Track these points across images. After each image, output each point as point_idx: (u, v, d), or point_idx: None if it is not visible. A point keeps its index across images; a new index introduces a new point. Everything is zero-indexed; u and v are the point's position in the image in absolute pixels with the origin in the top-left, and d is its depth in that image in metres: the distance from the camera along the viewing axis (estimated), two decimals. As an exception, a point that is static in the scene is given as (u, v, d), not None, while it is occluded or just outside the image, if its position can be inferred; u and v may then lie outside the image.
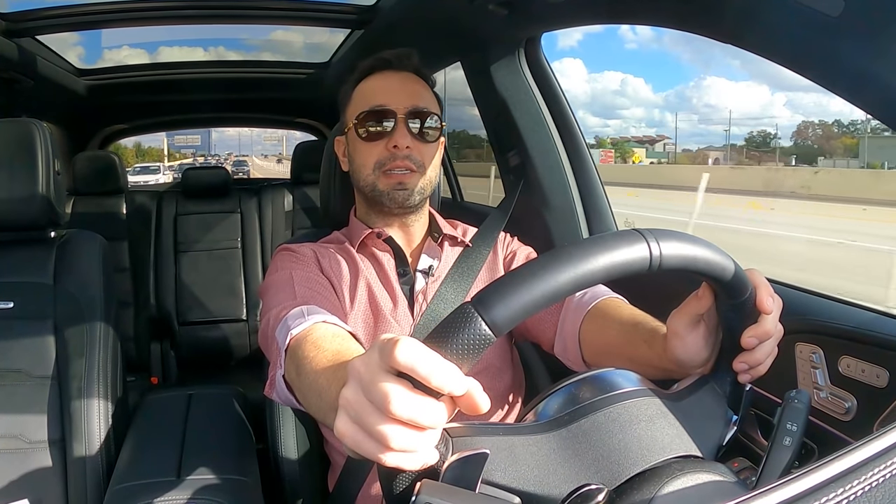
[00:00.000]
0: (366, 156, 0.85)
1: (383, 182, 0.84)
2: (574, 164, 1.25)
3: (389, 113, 0.83)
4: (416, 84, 0.87)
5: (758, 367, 0.52)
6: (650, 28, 1.69)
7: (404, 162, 0.83)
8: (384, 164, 0.83)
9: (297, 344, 0.61)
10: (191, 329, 2.17)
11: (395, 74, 0.87)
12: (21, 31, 1.48)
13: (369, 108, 0.84)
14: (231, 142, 26.47)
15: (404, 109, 0.83)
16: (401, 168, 0.83)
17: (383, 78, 0.87)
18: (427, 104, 0.86)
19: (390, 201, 0.84)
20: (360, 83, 0.88)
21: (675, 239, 0.43)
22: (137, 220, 2.21)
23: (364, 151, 0.85)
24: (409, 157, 0.83)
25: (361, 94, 0.87)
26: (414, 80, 0.87)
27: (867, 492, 0.30)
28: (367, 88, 0.87)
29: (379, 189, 0.84)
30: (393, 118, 0.83)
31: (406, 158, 0.83)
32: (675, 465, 0.44)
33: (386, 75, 0.87)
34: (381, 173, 0.84)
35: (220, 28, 1.93)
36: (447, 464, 0.40)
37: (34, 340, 0.98)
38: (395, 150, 0.83)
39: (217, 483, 0.80)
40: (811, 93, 42.48)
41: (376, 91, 0.85)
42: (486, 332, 0.37)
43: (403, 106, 0.83)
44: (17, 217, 1.01)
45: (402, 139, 0.82)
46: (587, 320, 0.75)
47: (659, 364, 0.59)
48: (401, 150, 0.82)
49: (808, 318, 0.73)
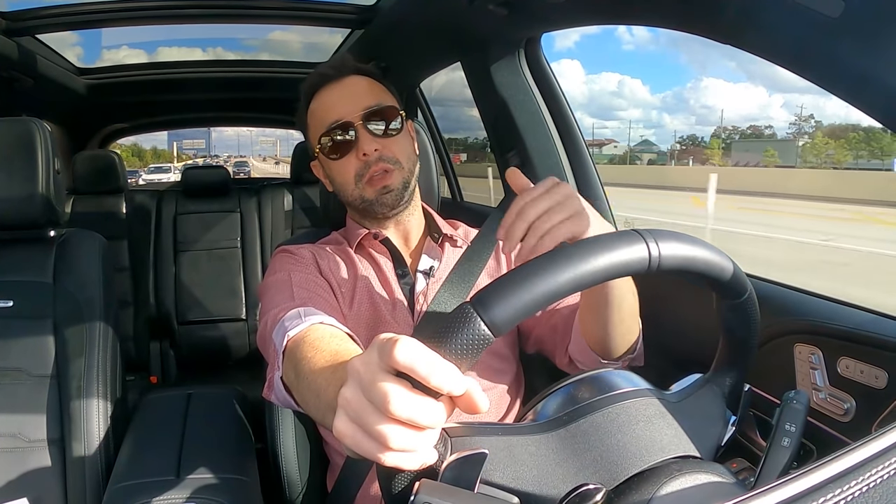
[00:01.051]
0: (343, 172, 0.84)
1: (368, 191, 0.84)
2: (574, 164, 1.25)
3: (347, 124, 0.82)
4: (361, 84, 0.86)
5: (513, 231, 0.58)
6: (647, 30, 1.68)
7: (379, 165, 0.83)
8: (363, 174, 0.83)
9: (295, 345, 0.61)
10: (190, 328, 2.17)
11: (337, 84, 0.86)
12: (21, 29, 1.48)
13: (326, 127, 0.83)
14: (230, 142, 28.27)
15: (358, 115, 0.82)
16: (379, 171, 0.83)
17: (329, 91, 0.86)
18: (378, 99, 0.84)
19: (381, 207, 0.84)
20: (310, 105, 0.88)
21: (674, 240, 0.43)
22: (137, 220, 2.21)
23: (339, 169, 0.85)
24: (381, 158, 0.83)
25: (314, 116, 0.87)
26: (357, 81, 0.86)
27: (865, 492, 0.30)
28: (317, 108, 0.86)
29: (367, 199, 0.84)
30: (351, 127, 0.82)
31: (380, 161, 0.83)
32: (673, 465, 0.44)
33: (330, 88, 0.86)
34: (363, 183, 0.84)
35: (219, 28, 1.93)
36: (446, 463, 0.40)
37: (33, 339, 0.98)
38: (366, 158, 0.82)
39: (216, 482, 0.80)
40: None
41: (326, 107, 0.85)
42: (485, 332, 0.37)
43: (356, 111, 0.82)
44: (16, 216, 1.01)
45: (367, 145, 0.82)
46: (578, 316, 0.77)
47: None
48: (371, 156, 0.82)
49: (807, 319, 0.73)
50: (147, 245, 2.20)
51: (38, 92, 1.77)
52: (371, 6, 1.51)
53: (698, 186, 9.38)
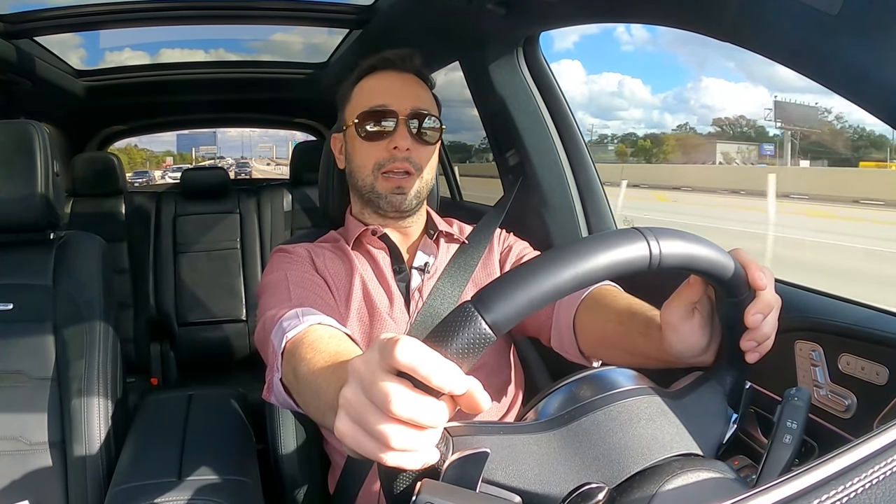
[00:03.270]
0: (365, 156, 0.84)
1: (382, 184, 0.84)
2: (573, 163, 1.24)
3: (391, 113, 0.83)
4: (417, 85, 0.87)
5: (765, 342, 0.52)
6: (646, 30, 1.66)
7: (403, 164, 0.83)
8: (383, 166, 0.83)
9: (294, 346, 0.61)
10: (190, 330, 2.17)
11: (396, 75, 0.86)
12: (19, 32, 1.47)
13: (370, 107, 0.83)
14: (234, 143, 30.44)
15: (405, 111, 0.83)
16: (399, 170, 0.83)
17: (385, 77, 0.86)
18: (427, 106, 0.86)
19: (387, 204, 0.84)
20: (361, 81, 0.88)
21: (674, 237, 0.43)
22: (136, 221, 2.20)
23: (363, 151, 0.84)
24: (408, 158, 0.83)
25: (362, 93, 0.86)
26: (415, 81, 0.87)
27: (867, 489, 0.30)
28: (367, 87, 0.86)
29: (377, 191, 0.84)
30: (394, 119, 0.82)
31: (405, 160, 0.83)
32: (675, 463, 0.44)
33: (387, 75, 0.86)
34: (380, 174, 0.83)
35: (220, 30, 1.93)
36: (448, 463, 0.40)
37: (34, 342, 0.98)
38: (395, 152, 0.82)
39: (217, 484, 0.80)
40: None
41: (378, 90, 0.85)
42: (486, 331, 0.37)
43: (405, 107, 0.83)
44: (16, 218, 1.01)
45: (402, 140, 0.82)
46: (582, 310, 0.74)
47: (657, 355, 0.59)
48: (401, 152, 0.82)
49: (808, 316, 0.73)
50: (146, 246, 2.20)
51: (36, 94, 1.77)
52: (369, 6, 1.51)
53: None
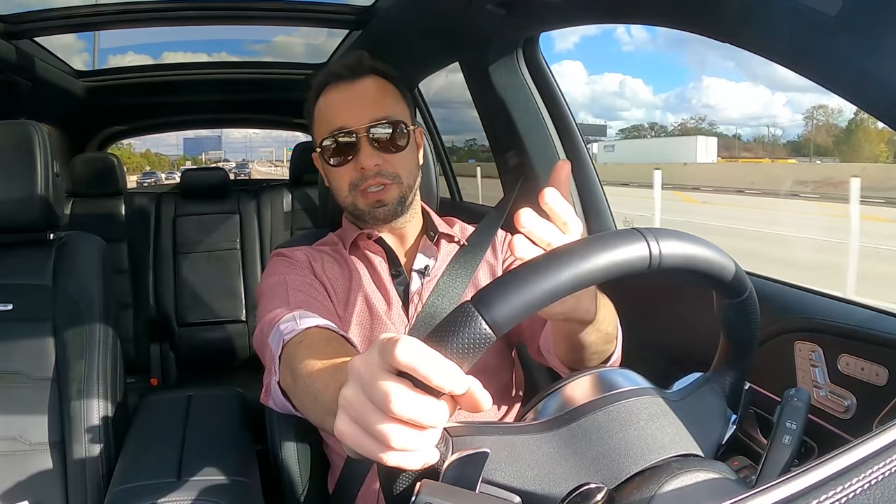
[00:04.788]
0: (338, 179, 0.83)
1: (362, 201, 0.82)
2: (573, 163, 1.24)
3: (349, 132, 0.80)
4: (374, 91, 0.82)
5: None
6: (645, 30, 1.65)
7: (376, 179, 0.80)
8: (358, 185, 0.81)
9: (292, 349, 0.61)
10: (190, 330, 2.17)
11: (350, 86, 0.82)
12: (19, 33, 1.47)
13: (329, 131, 0.81)
14: (238, 147, 31.50)
15: (364, 126, 0.79)
16: (374, 186, 0.81)
17: (339, 92, 0.82)
18: (388, 111, 0.81)
19: (373, 218, 0.83)
20: (318, 101, 0.84)
21: (674, 238, 0.43)
22: (136, 222, 2.21)
23: (335, 175, 0.83)
24: (380, 173, 0.80)
25: (321, 114, 0.84)
26: (371, 86, 0.82)
27: (867, 489, 0.30)
28: (324, 107, 0.83)
29: (360, 208, 0.83)
30: (355, 136, 0.79)
31: (377, 175, 0.80)
32: (674, 463, 0.44)
33: (341, 88, 0.82)
34: (358, 192, 0.82)
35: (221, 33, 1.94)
36: (447, 463, 0.40)
37: (33, 342, 0.98)
38: (364, 172, 0.80)
39: (217, 484, 0.80)
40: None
41: (334, 110, 0.82)
42: (486, 331, 0.37)
43: (362, 122, 0.79)
44: (16, 219, 1.01)
45: (367, 160, 0.79)
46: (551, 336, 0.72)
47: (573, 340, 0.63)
48: (369, 170, 0.80)
49: (807, 317, 0.73)
50: (146, 247, 2.20)
51: (36, 95, 1.77)
52: (369, 7, 1.51)
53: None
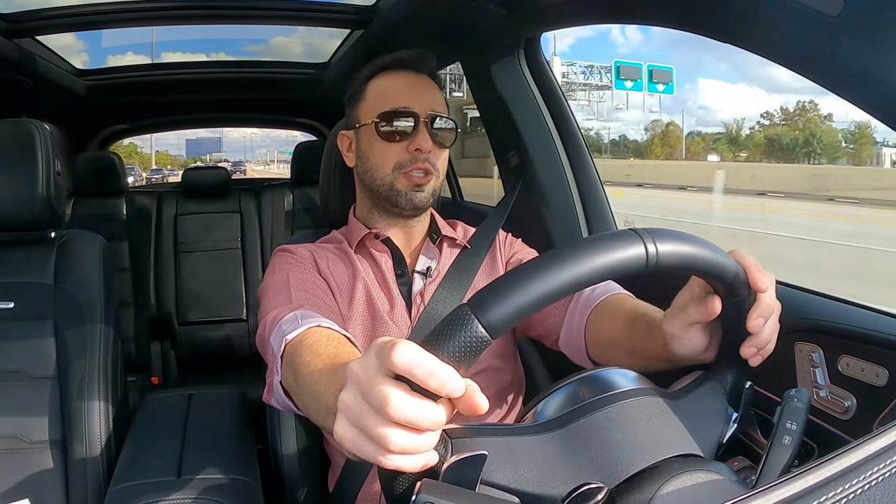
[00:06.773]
0: (384, 156, 0.83)
1: (402, 182, 0.83)
2: (574, 163, 1.24)
3: (412, 115, 0.82)
4: (433, 87, 0.87)
5: (766, 346, 0.52)
6: (640, 32, 1.63)
7: (424, 165, 0.82)
8: (404, 166, 0.82)
9: (294, 349, 0.61)
10: (191, 329, 2.17)
11: (413, 75, 0.85)
12: (21, 31, 1.47)
13: (391, 108, 0.82)
14: (237, 147, 32.37)
15: (426, 113, 0.82)
16: (420, 171, 0.82)
17: (401, 78, 0.85)
18: (443, 108, 0.85)
19: (406, 202, 0.83)
20: (374, 80, 0.86)
21: (670, 238, 0.43)
22: (138, 221, 2.21)
23: (382, 151, 0.83)
24: (427, 160, 0.83)
25: (378, 92, 0.85)
26: (430, 82, 0.87)
27: (866, 490, 0.30)
28: (384, 86, 0.85)
29: (396, 188, 0.83)
30: (415, 120, 0.82)
31: (426, 161, 0.83)
32: (674, 464, 0.44)
33: (404, 75, 0.85)
34: (399, 174, 0.83)
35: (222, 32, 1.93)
36: (446, 465, 0.40)
37: (34, 341, 0.98)
38: (417, 153, 0.82)
39: (217, 483, 0.80)
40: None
41: (397, 91, 0.84)
42: (482, 334, 0.37)
43: (425, 109, 0.82)
44: (17, 217, 1.01)
45: (425, 143, 0.82)
46: (593, 316, 0.75)
47: (660, 356, 0.59)
48: (423, 153, 0.82)
49: (808, 318, 0.73)
50: (147, 246, 2.20)
51: (38, 93, 1.77)
52: (370, 6, 1.51)
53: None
